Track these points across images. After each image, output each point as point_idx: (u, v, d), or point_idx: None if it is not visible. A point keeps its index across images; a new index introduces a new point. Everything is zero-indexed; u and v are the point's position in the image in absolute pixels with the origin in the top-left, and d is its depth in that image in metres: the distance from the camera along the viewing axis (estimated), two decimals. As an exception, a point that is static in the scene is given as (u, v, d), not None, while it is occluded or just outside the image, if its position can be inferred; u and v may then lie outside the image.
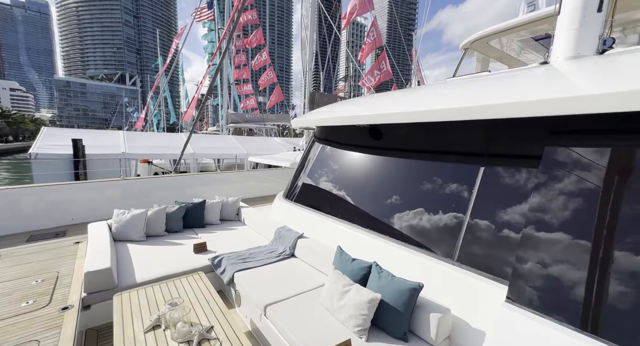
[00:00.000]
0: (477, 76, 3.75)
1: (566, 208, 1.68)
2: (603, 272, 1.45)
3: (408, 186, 2.83)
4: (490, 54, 6.10)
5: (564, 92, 1.72)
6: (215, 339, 1.81)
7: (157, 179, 6.03)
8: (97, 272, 2.44)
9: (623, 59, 2.08)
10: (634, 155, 1.55)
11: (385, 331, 2.00)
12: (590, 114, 1.61)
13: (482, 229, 2.17)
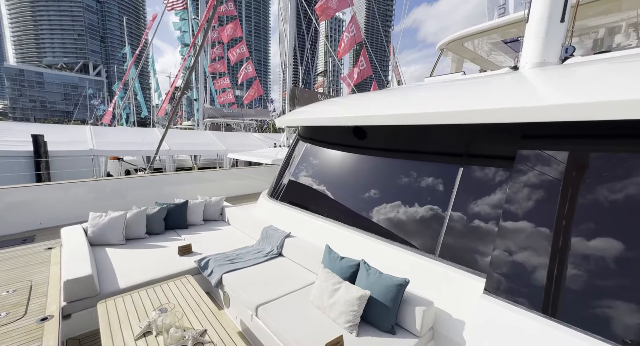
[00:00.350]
0: (453, 78, 3.94)
1: (538, 205, 1.86)
2: (575, 264, 1.63)
3: (392, 186, 2.96)
4: (464, 55, 6.41)
5: (532, 102, 1.88)
6: (210, 343, 1.82)
7: (133, 179, 5.76)
8: (78, 280, 2.34)
9: (582, 70, 2.30)
10: (591, 157, 1.75)
11: (374, 325, 2.11)
12: (555, 122, 1.78)
13: (462, 225, 2.33)
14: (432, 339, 2.11)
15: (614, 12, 4.02)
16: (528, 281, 1.73)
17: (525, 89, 2.34)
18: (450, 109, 2.31)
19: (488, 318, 1.75)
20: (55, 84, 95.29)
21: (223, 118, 20.12)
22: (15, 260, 3.13)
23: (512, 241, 1.88)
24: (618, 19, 4.22)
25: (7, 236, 3.93)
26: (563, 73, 2.37)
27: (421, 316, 2.01)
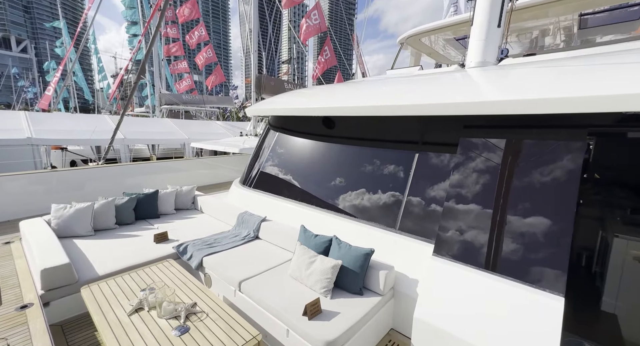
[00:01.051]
0: (411, 72, 4.37)
1: (475, 184, 2.32)
2: (500, 230, 2.12)
3: (358, 170, 3.31)
4: (421, 50, 6.95)
5: (472, 97, 2.31)
6: (202, 312, 2.03)
7: (91, 170, 5.44)
8: (55, 268, 2.34)
9: (513, 70, 2.80)
10: (521, 145, 2.23)
11: (345, 289, 2.47)
12: (491, 115, 2.23)
13: (417, 203, 2.77)
14: (392, 297, 2.54)
15: (542, 17, 4.70)
16: (465, 244, 2.19)
17: (468, 86, 2.79)
18: (407, 102, 2.68)
19: (435, 273, 2.20)
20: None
21: (182, 105, 19.00)
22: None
23: (454, 214, 2.33)
24: (547, 22, 4.94)
25: None
26: (498, 73, 2.86)
27: (384, 278, 2.41)
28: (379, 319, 2.37)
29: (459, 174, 2.41)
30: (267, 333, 2.29)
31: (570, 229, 1.84)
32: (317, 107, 3.54)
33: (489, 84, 2.72)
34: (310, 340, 1.96)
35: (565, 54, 3.25)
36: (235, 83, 47.05)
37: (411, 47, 6.71)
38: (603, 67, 2.25)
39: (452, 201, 2.38)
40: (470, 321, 1.93)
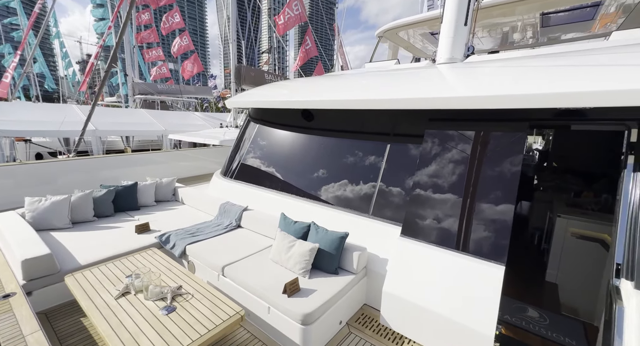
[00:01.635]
0: (387, 66, 4.56)
1: (437, 172, 2.57)
2: (456, 212, 2.38)
3: (335, 161, 3.51)
4: (399, 43, 7.16)
5: (435, 93, 2.54)
6: (187, 293, 2.16)
7: (63, 163, 5.26)
8: (37, 259, 2.37)
9: (475, 68, 3.05)
10: (476, 135, 2.49)
11: (322, 269, 2.68)
12: (454, 109, 2.47)
13: (388, 190, 3.01)
14: (365, 275, 2.78)
15: (509, 15, 5.01)
16: (427, 225, 2.46)
17: (433, 82, 3.02)
18: (381, 97, 2.87)
19: (401, 251, 2.46)
20: None
21: (158, 95, 18.26)
22: (-62, 251, 2.84)
23: (418, 199, 2.58)
24: (514, 19, 5.27)
25: None
26: (462, 70, 3.11)
27: (357, 259, 2.64)
28: (352, 295, 2.61)
29: (424, 162, 2.66)
30: (250, 312, 2.46)
31: (511, 209, 2.14)
32: (297, 100, 3.67)
33: (451, 81, 2.96)
34: (289, 315, 2.16)
35: (524, 52, 3.56)
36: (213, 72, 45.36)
37: (389, 40, 6.91)
38: (548, 67, 2.54)
39: (417, 188, 2.63)
40: (430, 291, 2.21)
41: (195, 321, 1.89)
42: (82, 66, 60.54)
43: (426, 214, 2.50)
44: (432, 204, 2.51)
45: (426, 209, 2.52)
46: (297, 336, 2.13)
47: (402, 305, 2.31)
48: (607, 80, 1.93)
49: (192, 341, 1.72)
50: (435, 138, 2.70)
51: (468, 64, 3.33)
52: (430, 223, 2.46)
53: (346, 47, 20.04)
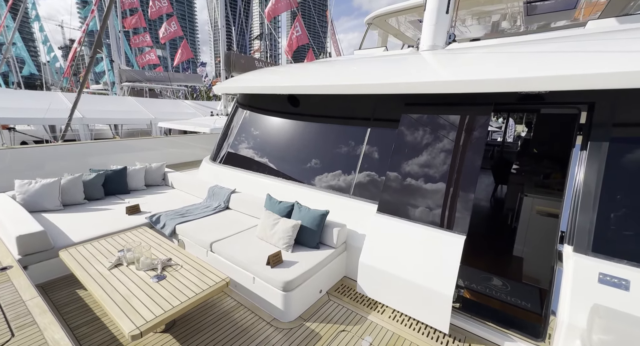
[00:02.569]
0: (375, 53, 4.66)
1: (411, 155, 2.75)
2: (426, 190, 2.58)
3: (319, 144, 3.65)
4: (388, 30, 7.22)
5: (410, 79, 2.69)
6: (176, 264, 2.33)
7: (51, 148, 5.27)
8: (31, 235, 2.49)
9: (454, 55, 3.18)
10: (446, 118, 2.66)
11: (304, 244, 2.87)
12: (427, 93, 2.62)
13: (368, 171, 3.18)
14: (345, 250, 2.99)
15: (496, 3, 5.09)
16: (400, 202, 2.65)
17: (411, 68, 3.16)
18: (359, 82, 3.01)
19: (377, 226, 2.66)
20: None
21: (146, 82, 17.89)
22: None
23: (393, 179, 2.77)
24: (500, 7, 5.36)
25: None
26: (442, 57, 3.24)
27: (337, 234, 2.83)
28: (332, 267, 2.82)
29: (399, 145, 2.84)
30: (237, 283, 2.65)
31: (473, 186, 2.34)
32: (282, 85, 3.77)
33: (427, 67, 3.10)
34: (272, 283, 2.35)
35: (502, 40, 3.70)
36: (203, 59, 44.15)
37: (378, 28, 6.95)
38: (515, 54, 2.70)
39: (392, 169, 2.81)
40: (400, 260, 2.42)
41: (184, 286, 2.07)
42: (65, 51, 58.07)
43: (399, 193, 2.70)
44: (405, 183, 2.70)
45: (399, 188, 2.71)
46: (280, 302, 2.34)
47: (376, 273, 2.53)
48: (562, 67, 2.11)
49: (181, 302, 1.90)
50: (409, 122, 2.87)
51: (448, 51, 3.47)
52: (402, 200, 2.66)
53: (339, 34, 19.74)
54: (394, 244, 2.53)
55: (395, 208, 2.68)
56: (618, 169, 2.00)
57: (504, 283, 3.03)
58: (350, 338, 2.19)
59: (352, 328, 2.31)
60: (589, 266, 1.92)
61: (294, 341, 2.15)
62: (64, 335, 1.62)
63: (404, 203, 2.64)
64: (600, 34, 2.70)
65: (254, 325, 2.30)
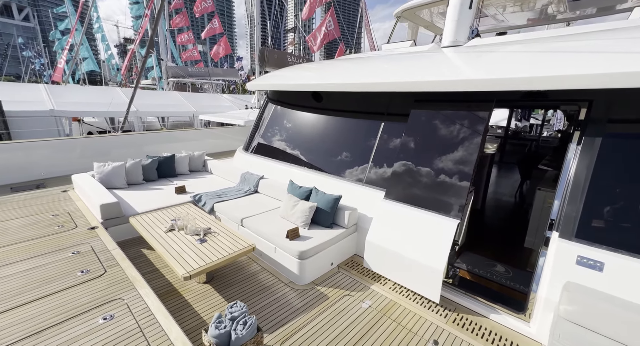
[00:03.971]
0: (401, 47, 4.83)
1: (418, 147, 3.03)
2: (428, 179, 2.87)
3: (336, 136, 4.04)
4: (418, 23, 7.24)
5: (420, 77, 2.94)
6: (215, 232, 2.91)
7: (116, 137, 6.27)
8: (110, 204, 3.24)
9: (471, 53, 3.32)
10: (449, 114, 2.90)
11: (320, 224, 3.31)
12: (433, 91, 2.87)
13: (379, 161, 3.51)
14: (356, 230, 3.38)
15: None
16: (404, 189, 2.97)
17: (427, 67, 3.38)
18: (374, 80, 3.32)
19: (383, 210, 3.01)
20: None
21: (189, 78, 19.38)
22: (42, 199, 3.87)
23: (400, 169, 3.08)
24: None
25: (21, 183, 4.54)
26: (458, 54, 3.41)
27: (348, 216, 3.23)
28: (343, 244, 3.24)
29: (407, 138, 3.13)
30: (262, 252, 3.19)
31: (470, 175, 2.58)
32: (307, 83, 4.19)
33: (438, 65, 3.31)
34: (290, 252, 2.84)
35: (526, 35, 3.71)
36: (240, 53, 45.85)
37: (408, 20, 7.01)
38: (525, 53, 2.82)
39: (400, 159, 3.12)
40: (402, 239, 2.77)
41: (220, 248, 2.63)
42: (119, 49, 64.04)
43: (404, 182, 3.01)
44: (410, 173, 3.00)
45: (405, 177, 3.02)
46: (295, 268, 2.82)
47: (380, 250, 2.90)
48: (561, 66, 2.25)
49: (218, 258, 2.46)
50: (418, 117, 3.14)
51: (467, 48, 3.61)
52: (406, 188, 2.97)
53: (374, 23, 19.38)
54: (396, 226, 2.87)
55: (400, 194, 3.00)
56: (607, 164, 2.14)
57: (507, 269, 3.22)
58: (352, 301, 2.61)
59: (356, 293, 2.72)
60: (569, 249, 2.12)
61: (305, 299, 2.62)
62: (138, 274, 2.25)
63: (408, 191, 2.95)
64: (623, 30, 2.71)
65: (275, 285, 2.81)
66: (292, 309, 2.46)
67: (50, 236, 2.84)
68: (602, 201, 2.10)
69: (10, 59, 57.34)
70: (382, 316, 2.42)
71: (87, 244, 2.70)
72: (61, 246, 2.67)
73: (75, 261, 2.43)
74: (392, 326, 2.31)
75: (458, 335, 2.24)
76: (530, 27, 6.27)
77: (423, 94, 3.15)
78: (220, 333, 1.72)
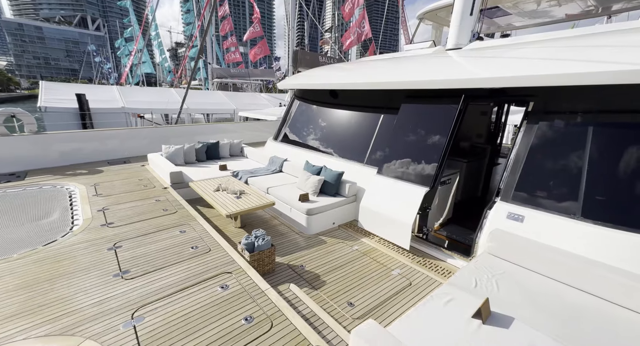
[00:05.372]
0: (421, 48, 5.47)
1: (404, 135, 3.81)
2: (408, 157, 3.64)
3: (346, 127, 4.91)
4: (441, 23, 7.80)
5: (410, 77, 3.71)
6: (247, 193, 3.99)
7: (175, 128, 7.78)
8: (176, 173, 4.50)
9: (470, 55, 3.98)
10: (431, 108, 3.63)
11: (326, 193, 4.23)
12: (420, 89, 3.63)
13: (378, 146, 4.33)
14: (355, 200, 4.24)
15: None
16: (391, 166, 3.76)
17: (423, 67, 4.10)
18: (377, 80, 4.14)
19: (374, 182, 3.85)
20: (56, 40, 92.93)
21: (231, 78, 21.35)
22: (129, 170, 5.34)
23: (390, 150, 3.87)
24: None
25: (115, 159, 6.15)
26: (455, 57, 4.08)
27: (348, 188, 4.11)
28: (344, 210, 4.13)
29: (398, 126, 3.91)
30: (281, 212, 4.20)
31: (439, 155, 3.32)
32: (326, 83, 5.12)
33: (427, 67, 4.02)
34: (300, 210, 3.80)
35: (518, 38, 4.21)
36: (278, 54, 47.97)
37: (430, 21, 7.59)
38: (501, 59, 3.43)
39: (390, 143, 3.91)
40: (385, 203, 3.59)
41: (250, 202, 3.69)
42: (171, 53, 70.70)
43: (391, 160, 3.81)
44: (397, 154, 3.79)
45: (392, 157, 3.82)
46: (304, 221, 3.78)
47: (371, 213, 3.74)
48: (517, 69, 2.88)
49: (249, 206, 3.52)
50: (406, 110, 3.90)
51: (465, 51, 4.25)
52: (392, 165, 3.77)
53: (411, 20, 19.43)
54: (383, 194, 3.70)
55: (387, 170, 3.81)
56: (539, 145, 2.77)
57: None
58: (344, 246, 3.49)
59: (348, 242, 3.60)
60: (503, 208, 2.80)
61: (310, 243, 3.56)
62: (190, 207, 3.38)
63: (393, 167, 3.75)
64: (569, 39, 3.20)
65: (288, 233, 3.80)
66: (299, 247, 3.43)
67: (140, 190, 4.16)
68: (531, 173, 2.75)
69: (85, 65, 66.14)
70: (364, 255, 3.28)
71: (164, 196, 3.94)
72: (147, 196, 3.95)
73: (158, 204, 3.66)
74: (369, 261, 3.16)
75: (416, 268, 3.03)
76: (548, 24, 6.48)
77: (412, 91, 3.90)
78: (247, 242, 2.75)
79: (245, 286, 2.25)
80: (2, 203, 3.63)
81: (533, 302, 2.04)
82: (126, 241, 2.79)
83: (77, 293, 2.10)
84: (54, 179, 4.66)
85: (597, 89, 2.49)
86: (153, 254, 2.65)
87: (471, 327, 1.79)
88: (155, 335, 1.77)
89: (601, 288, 2.06)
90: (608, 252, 2.24)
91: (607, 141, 2.49)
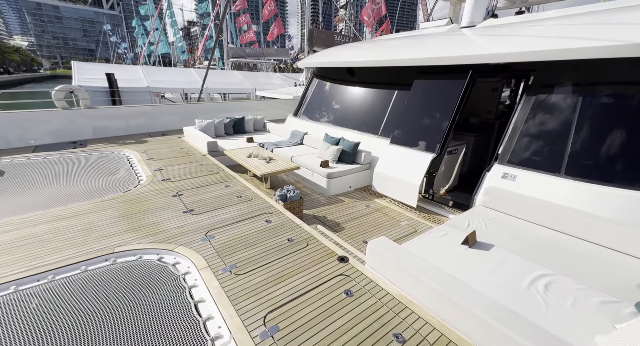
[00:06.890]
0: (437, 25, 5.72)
1: (416, 107, 4.24)
2: (416, 127, 4.10)
3: (363, 101, 5.35)
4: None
5: (422, 54, 4.08)
6: (275, 160, 4.59)
7: (203, 105, 8.39)
8: (212, 142, 5.15)
9: (474, 33, 4.29)
10: (440, 83, 4.02)
11: (344, 161, 4.77)
12: (431, 65, 4.01)
13: (392, 119, 4.78)
14: (370, 168, 4.77)
15: None
16: (401, 135, 4.23)
17: (435, 44, 4.44)
18: (396, 57, 4.51)
19: (387, 151, 4.34)
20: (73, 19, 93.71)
21: (246, 58, 21.55)
22: (169, 141, 6.04)
23: (401, 122, 4.32)
24: None
25: (154, 132, 6.87)
26: (467, 35, 4.39)
27: (363, 156, 4.63)
28: (360, 176, 4.67)
29: (409, 101, 4.34)
30: (304, 177, 4.80)
31: (446, 124, 3.75)
32: (344, 61, 5.51)
33: (442, 44, 4.35)
34: (321, 174, 4.37)
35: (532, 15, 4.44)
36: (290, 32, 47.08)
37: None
38: (508, 36, 3.74)
39: (404, 115, 4.36)
40: (396, 168, 4.10)
41: (280, 165, 4.29)
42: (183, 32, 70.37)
43: (403, 130, 4.28)
44: (408, 124, 4.25)
45: (404, 127, 4.28)
46: (324, 184, 4.36)
47: (383, 177, 4.27)
48: (519, 45, 3.22)
49: (279, 168, 4.12)
50: (419, 86, 4.30)
51: (478, 29, 4.54)
52: (403, 135, 4.24)
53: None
54: (394, 160, 4.20)
55: (399, 139, 4.30)
56: (534, 115, 3.18)
57: None
58: (360, 204, 4.07)
59: (363, 202, 4.18)
60: (500, 169, 3.27)
61: (330, 201, 4.16)
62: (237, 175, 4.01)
63: (403, 136, 4.23)
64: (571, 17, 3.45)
65: (311, 194, 4.41)
66: (321, 204, 4.04)
67: (183, 156, 4.84)
68: (526, 139, 3.18)
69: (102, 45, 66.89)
70: (377, 211, 3.86)
71: (204, 161, 4.60)
72: (191, 161, 4.62)
73: (201, 167, 4.33)
74: (381, 215, 3.74)
75: (421, 221, 3.59)
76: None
77: (423, 68, 4.28)
78: (281, 194, 3.37)
79: (284, 221, 2.89)
80: (78, 164, 4.40)
81: (513, 236, 2.57)
82: (185, 191, 3.47)
83: (162, 221, 2.79)
84: (110, 146, 5.41)
85: (585, 63, 2.84)
86: (209, 200, 3.31)
87: (459, 250, 2.36)
88: (224, 246, 2.46)
89: (569, 226, 2.56)
90: (582, 201, 2.71)
91: (592, 111, 2.88)
